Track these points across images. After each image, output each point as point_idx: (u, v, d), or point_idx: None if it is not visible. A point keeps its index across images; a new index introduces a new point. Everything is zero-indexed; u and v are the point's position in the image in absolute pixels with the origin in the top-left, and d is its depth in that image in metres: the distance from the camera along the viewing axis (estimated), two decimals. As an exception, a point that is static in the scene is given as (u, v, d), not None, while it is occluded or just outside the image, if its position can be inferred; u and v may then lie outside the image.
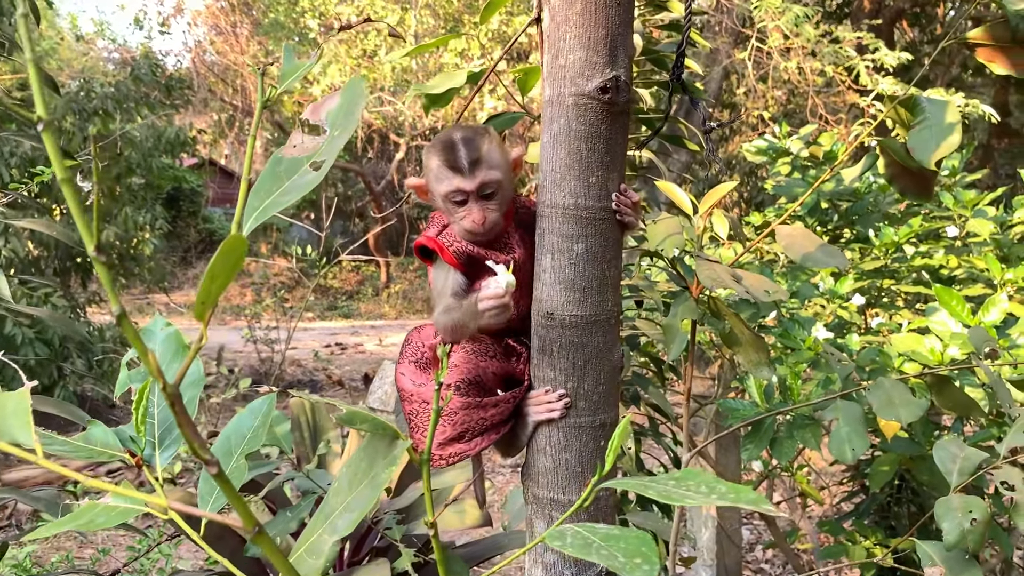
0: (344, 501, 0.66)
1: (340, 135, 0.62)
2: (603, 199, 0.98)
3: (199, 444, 0.45)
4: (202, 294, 0.48)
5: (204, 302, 0.48)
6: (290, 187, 0.60)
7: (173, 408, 0.44)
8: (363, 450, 0.68)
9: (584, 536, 0.57)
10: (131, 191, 9.29)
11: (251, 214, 0.58)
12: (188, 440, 0.44)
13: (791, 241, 1.35)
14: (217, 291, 0.49)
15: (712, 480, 0.59)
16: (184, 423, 0.44)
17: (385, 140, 18.91)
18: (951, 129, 1.33)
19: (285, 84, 0.73)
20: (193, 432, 0.44)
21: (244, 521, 0.46)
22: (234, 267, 0.48)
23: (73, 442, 0.90)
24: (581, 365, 1.00)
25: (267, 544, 0.46)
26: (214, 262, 0.47)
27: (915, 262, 2.58)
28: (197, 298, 0.48)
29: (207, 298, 0.48)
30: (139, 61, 9.28)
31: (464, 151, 1.12)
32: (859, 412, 1.36)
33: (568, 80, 0.96)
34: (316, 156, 0.61)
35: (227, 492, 0.45)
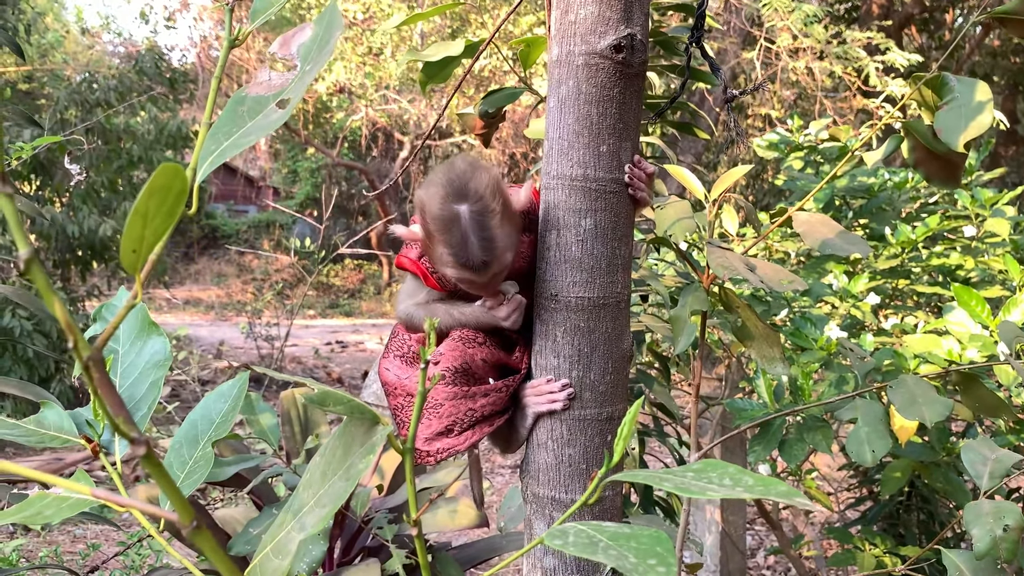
0: (315, 495, 0.58)
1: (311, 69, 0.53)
2: (615, 170, 0.89)
3: (123, 418, 0.37)
4: (131, 240, 0.40)
5: (135, 250, 0.40)
6: (252, 127, 0.52)
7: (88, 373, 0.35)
8: (338, 437, 0.60)
9: (589, 535, 0.49)
10: (132, 185, 9.22)
11: (207, 157, 0.50)
12: (108, 414, 0.36)
13: (809, 228, 1.27)
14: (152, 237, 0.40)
15: (736, 471, 0.51)
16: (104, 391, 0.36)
17: (390, 139, 18.84)
18: (981, 108, 1.24)
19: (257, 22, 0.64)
20: (115, 403, 0.36)
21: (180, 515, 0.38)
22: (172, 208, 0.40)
23: (23, 425, 0.82)
24: (588, 352, 0.91)
25: (206, 541, 0.39)
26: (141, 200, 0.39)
27: (932, 262, 2.49)
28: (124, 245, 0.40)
29: (138, 245, 0.40)
30: (143, 55, 9.23)
31: (476, 249, 0.99)
32: (880, 412, 1.27)
33: (578, 38, 0.88)
34: (283, 94, 0.53)
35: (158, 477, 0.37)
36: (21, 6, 7.95)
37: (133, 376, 0.83)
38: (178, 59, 16.39)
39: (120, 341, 0.85)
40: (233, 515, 2.01)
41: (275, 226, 21.19)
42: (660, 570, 0.46)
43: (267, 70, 0.55)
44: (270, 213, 22.00)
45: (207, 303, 16.59)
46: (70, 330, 0.35)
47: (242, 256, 19.82)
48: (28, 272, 0.36)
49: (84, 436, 0.82)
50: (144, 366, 0.83)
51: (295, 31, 0.55)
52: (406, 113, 15.84)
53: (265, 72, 0.55)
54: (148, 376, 0.82)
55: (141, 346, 0.84)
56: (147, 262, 0.41)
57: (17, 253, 0.35)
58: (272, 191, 23.60)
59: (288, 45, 0.54)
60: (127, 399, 0.82)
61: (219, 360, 9.85)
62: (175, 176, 0.39)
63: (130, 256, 0.40)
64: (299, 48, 0.54)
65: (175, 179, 0.39)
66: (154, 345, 0.84)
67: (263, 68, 0.55)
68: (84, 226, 8.02)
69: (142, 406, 0.81)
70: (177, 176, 0.39)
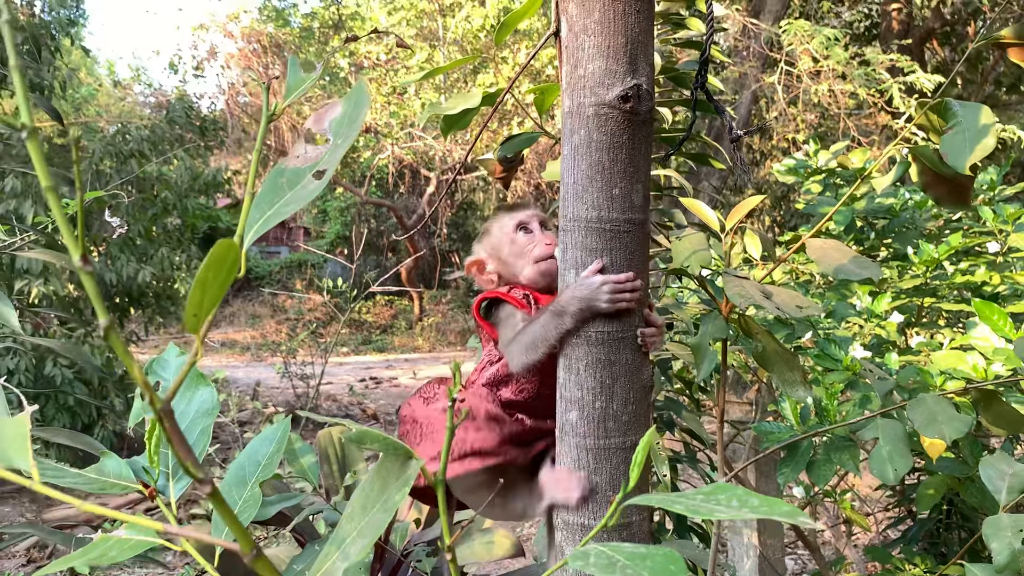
0: (357, 527, 0.64)
1: (343, 143, 0.60)
2: (627, 211, 0.95)
3: (191, 462, 0.43)
4: (193, 306, 0.46)
5: (196, 314, 0.46)
6: (292, 198, 0.58)
7: (163, 424, 0.41)
8: (375, 473, 0.65)
9: (608, 555, 0.54)
10: (167, 232, 9.43)
11: (252, 226, 0.56)
12: (179, 458, 0.42)
13: (822, 254, 1.31)
14: (210, 303, 0.47)
15: (744, 493, 0.55)
16: (175, 439, 0.42)
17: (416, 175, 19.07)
18: (985, 131, 1.28)
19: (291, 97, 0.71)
20: (184, 449, 0.42)
21: (242, 545, 0.44)
22: (227, 277, 0.46)
23: (85, 474, 0.88)
24: (609, 384, 0.96)
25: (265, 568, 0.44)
26: (203, 270, 0.45)
27: (956, 279, 2.51)
28: (188, 310, 0.46)
29: (199, 310, 0.46)
30: (174, 104, 9.49)
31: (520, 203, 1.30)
32: (901, 430, 1.30)
33: (588, 90, 0.94)
34: (319, 165, 0.59)
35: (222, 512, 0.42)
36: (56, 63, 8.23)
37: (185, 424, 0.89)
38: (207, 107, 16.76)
39: (171, 389, 0.91)
40: (277, 554, 2.07)
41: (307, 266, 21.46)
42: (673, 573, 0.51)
43: (303, 144, 0.61)
44: (302, 253, 22.30)
45: (242, 344, 16.80)
46: (146, 387, 0.41)
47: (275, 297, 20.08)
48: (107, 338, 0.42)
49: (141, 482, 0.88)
50: (194, 415, 0.89)
51: (327, 108, 0.62)
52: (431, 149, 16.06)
53: (301, 146, 0.61)
54: (198, 424, 0.88)
55: (191, 396, 0.90)
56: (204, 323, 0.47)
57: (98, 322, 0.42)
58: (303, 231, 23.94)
59: (321, 121, 0.61)
60: (180, 444, 0.88)
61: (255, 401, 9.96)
62: (229, 249, 0.45)
63: (192, 319, 0.46)
64: (331, 124, 0.61)
65: (229, 252, 0.45)
66: (203, 395, 0.91)
67: (299, 142, 0.61)
68: (122, 274, 8.21)
69: (195, 448, 0.87)
70: (231, 250, 0.45)
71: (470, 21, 12.55)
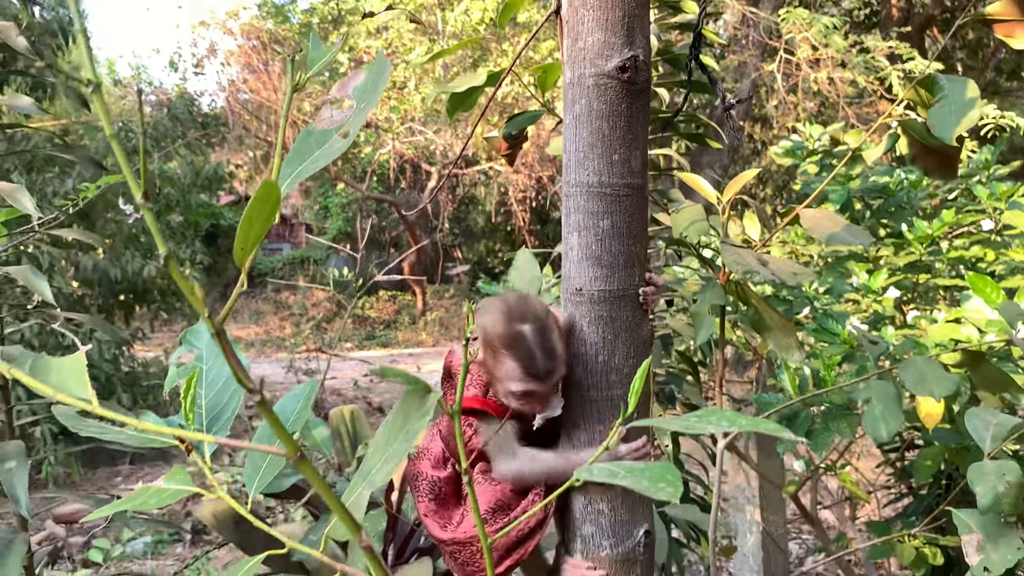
0: (382, 457, 0.69)
1: (365, 107, 0.65)
2: (627, 176, 1.01)
3: (244, 375, 0.48)
4: (240, 240, 0.52)
5: (243, 248, 0.52)
6: (320, 155, 0.64)
7: (221, 341, 0.47)
8: (398, 408, 0.71)
9: (611, 470, 0.60)
10: (171, 228, 9.50)
11: (286, 178, 0.62)
12: (235, 371, 0.48)
13: (815, 223, 1.37)
14: (255, 238, 0.52)
15: (732, 415, 0.61)
16: (228, 354, 0.48)
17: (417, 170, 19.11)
18: (971, 104, 1.34)
19: (313, 70, 0.76)
20: (236, 362, 0.48)
21: (287, 448, 0.50)
22: (269, 215, 0.52)
23: (126, 431, 0.94)
24: (611, 339, 1.02)
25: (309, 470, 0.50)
26: (249, 209, 0.51)
27: (950, 255, 2.56)
28: (236, 244, 0.52)
29: (245, 244, 0.52)
30: (175, 101, 9.55)
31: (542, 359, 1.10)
32: (892, 391, 1.36)
33: (588, 62, 1.00)
34: (344, 127, 0.65)
35: (270, 419, 0.48)
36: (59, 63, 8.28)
37: (217, 387, 0.94)
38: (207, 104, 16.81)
39: (204, 359, 0.97)
40: (291, 530, 2.13)
41: (309, 262, 21.52)
42: (669, 490, 0.56)
43: (329, 109, 0.66)
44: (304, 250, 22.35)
45: (246, 341, 16.87)
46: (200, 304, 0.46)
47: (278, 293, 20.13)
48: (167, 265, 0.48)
49: (178, 437, 0.94)
50: (226, 379, 0.95)
51: (351, 77, 0.67)
52: (432, 144, 16.10)
53: (328, 111, 0.67)
54: (229, 387, 0.94)
55: (222, 362, 0.96)
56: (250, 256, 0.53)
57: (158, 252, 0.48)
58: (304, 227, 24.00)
59: (346, 88, 0.66)
60: (213, 405, 0.94)
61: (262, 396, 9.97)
62: (271, 190, 0.51)
63: (239, 252, 0.52)
64: (355, 90, 0.66)
65: (271, 192, 0.51)
66: (238, 359, 0.96)
67: (326, 107, 0.67)
68: (128, 269, 8.27)
69: (226, 411, 0.93)
70: (273, 190, 0.51)
71: (469, 15, 12.59)
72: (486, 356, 1.12)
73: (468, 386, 1.16)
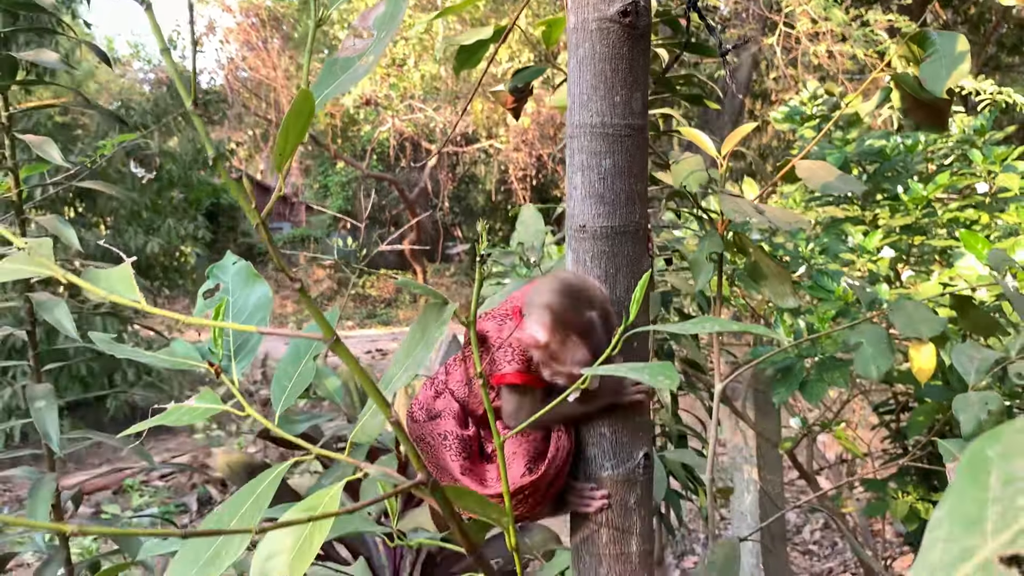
0: (403, 366, 0.75)
1: (385, 36, 0.70)
2: (628, 116, 1.06)
3: (284, 265, 0.54)
4: (279, 148, 0.57)
5: (281, 154, 0.57)
6: (346, 78, 0.69)
7: (265, 233, 0.52)
8: (417, 321, 0.76)
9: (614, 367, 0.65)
10: (172, 205, 9.54)
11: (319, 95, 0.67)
12: (278, 261, 0.53)
13: (810, 173, 1.42)
14: (292, 146, 0.58)
15: (723, 321, 0.67)
16: (273, 249, 0.53)
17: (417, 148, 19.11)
18: (961, 58, 1.39)
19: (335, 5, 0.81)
20: (277, 252, 0.53)
21: (324, 331, 0.55)
22: (305, 123, 0.57)
23: (158, 356, 0.99)
24: (613, 273, 1.08)
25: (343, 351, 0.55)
26: (285, 121, 0.56)
27: (944, 216, 2.61)
28: (275, 152, 0.57)
29: (283, 151, 0.57)
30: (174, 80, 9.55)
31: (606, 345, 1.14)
32: (882, 333, 1.41)
33: (591, 7, 1.05)
34: (367, 54, 0.70)
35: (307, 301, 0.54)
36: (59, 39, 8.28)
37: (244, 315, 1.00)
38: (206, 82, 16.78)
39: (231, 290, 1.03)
40: (304, 483, 2.20)
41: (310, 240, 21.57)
42: (667, 382, 0.62)
43: (352, 38, 0.72)
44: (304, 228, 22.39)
45: (248, 318, 16.88)
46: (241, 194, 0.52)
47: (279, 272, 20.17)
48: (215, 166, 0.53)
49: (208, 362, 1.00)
50: (252, 307, 1.00)
51: (371, 8, 0.72)
52: (432, 121, 16.10)
53: (351, 40, 0.72)
54: (256, 315, 1.00)
55: (248, 292, 1.01)
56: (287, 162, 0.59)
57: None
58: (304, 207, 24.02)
59: (366, 19, 0.72)
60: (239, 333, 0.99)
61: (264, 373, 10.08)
62: (307, 99, 0.56)
63: (278, 158, 0.57)
64: (375, 20, 0.71)
65: (307, 102, 0.56)
66: (259, 290, 1.02)
67: (348, 38, 0.72)
68: (131, 246, 8.32)
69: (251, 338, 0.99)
70: (308, 99, 0.56)
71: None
72: (552, 340, 1.10)
73: (510, 361, 1.16)
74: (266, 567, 0.79)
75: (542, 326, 1.09)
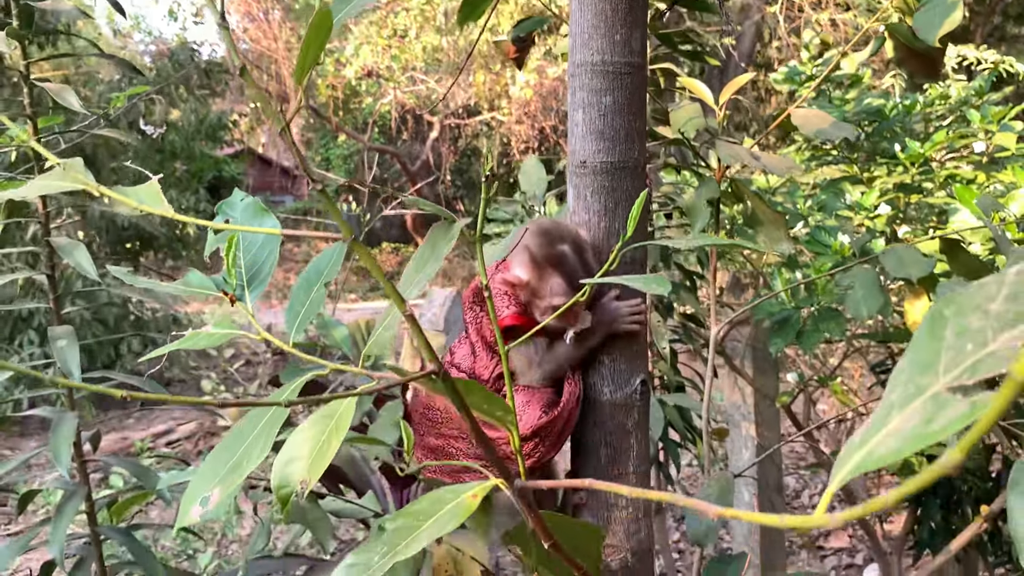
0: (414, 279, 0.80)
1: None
2: (627, 55, 1.10)
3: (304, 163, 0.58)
4: (300, 63, 0.61)
5: (302, 68, 0.62)
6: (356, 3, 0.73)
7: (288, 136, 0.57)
8: (427, 239, 0.81)
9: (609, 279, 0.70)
10: (176, 176, 9.56)
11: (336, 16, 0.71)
12: (299, 158, 0.57)
13: (805, 120, 1.46)
14: (311, 60, 0.62)
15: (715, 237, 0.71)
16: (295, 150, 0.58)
17: (419, 120, 19.06)
18: (953, 7, 1.42)
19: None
20: (300, 154, 0.58)
21: (343, 231, 0.59)
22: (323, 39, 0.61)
23: (175, 286, 1.04)
24: (612, 207, 1.12)
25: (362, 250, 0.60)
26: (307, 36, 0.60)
27: (941, 174, 2.65)
28: (296, 67, 0.61)
29: (303, 65, 0.61)
30: (176, 50, 9.54)
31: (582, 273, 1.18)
32: (873, 275, 1.46)
33: (592, -50, 1.09)
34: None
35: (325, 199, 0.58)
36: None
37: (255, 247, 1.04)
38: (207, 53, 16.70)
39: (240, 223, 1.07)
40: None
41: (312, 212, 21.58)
42: (660, 289, 0.67)
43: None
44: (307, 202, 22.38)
45: (252, 290, 16.94)
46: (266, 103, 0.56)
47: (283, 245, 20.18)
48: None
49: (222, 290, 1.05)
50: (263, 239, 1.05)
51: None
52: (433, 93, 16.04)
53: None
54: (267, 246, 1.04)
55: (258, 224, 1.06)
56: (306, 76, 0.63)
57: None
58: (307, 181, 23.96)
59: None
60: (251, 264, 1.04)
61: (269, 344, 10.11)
62: (325, 17, 0.60)
63: (299, 72, 0.61)
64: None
65: (325, 19, 0.60)
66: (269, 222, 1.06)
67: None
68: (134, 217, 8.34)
69: (264, 268, 1.03)
70: (327, 17, 0.60)
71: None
72: (531, 276, 1.19)
73: (507, 306, 1.23)
74: (286, 471, 0.85)
75: (521, 265, 1.19)
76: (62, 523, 1.41)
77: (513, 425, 0.72)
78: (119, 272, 1.03)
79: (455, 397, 0.60)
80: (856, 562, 5.01)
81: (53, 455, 1.38)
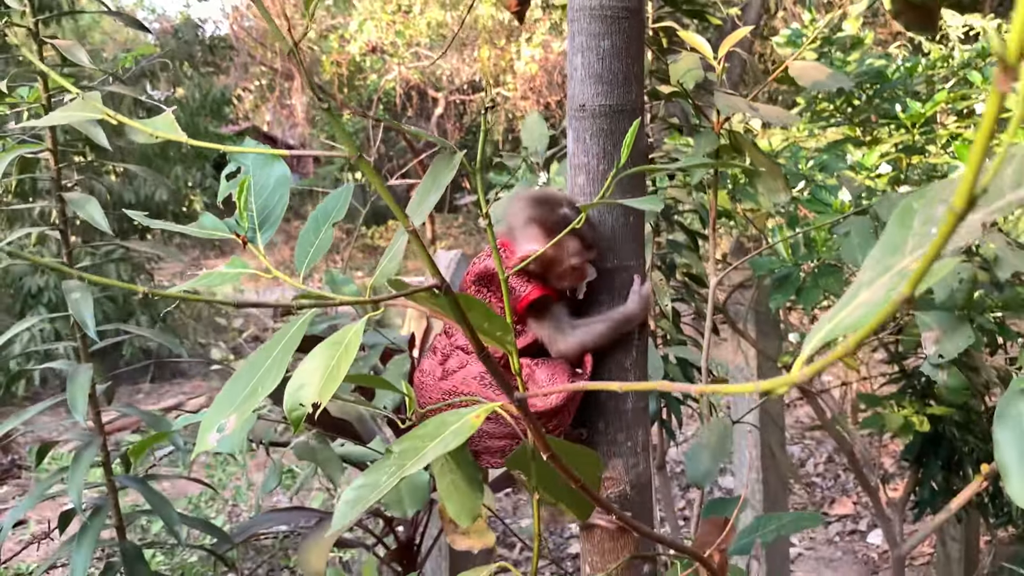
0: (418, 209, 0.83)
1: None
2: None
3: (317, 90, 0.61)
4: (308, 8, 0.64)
5: (308, 0, 0.64)
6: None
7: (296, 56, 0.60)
8: (429, 173, 0.84)
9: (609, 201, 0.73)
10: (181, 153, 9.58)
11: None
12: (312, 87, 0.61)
13: (802, 72, 1.48)
14: None
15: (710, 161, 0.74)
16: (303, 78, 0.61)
17: (424, 96, 19.00)
18: (950, -42, 1.44)
19: None
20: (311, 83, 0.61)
21: (347, 148, 0.63)
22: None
23: (189, 228, 1.08)
24: (610, 150, 1.15)
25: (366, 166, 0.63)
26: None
27: (942, 133, 2.66)
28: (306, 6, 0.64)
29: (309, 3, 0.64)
30: (181, 26, 9.54)
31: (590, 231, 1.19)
32: (868, 224, 1.49)
33: None
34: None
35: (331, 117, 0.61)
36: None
37: (266, 192, 1.08)
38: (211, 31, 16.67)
39: (251, 170, 1.10)
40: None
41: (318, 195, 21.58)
42: (654, 205, 0.70)
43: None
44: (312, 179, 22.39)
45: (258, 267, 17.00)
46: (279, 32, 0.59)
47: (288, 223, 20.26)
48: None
49: (235, 232, 1.08)
50: (273, 184, 1.08)
51: None
52: (438, 69, 15.99)
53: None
54: (278, 190, 1.08)
55: (268, 170, 1.09)
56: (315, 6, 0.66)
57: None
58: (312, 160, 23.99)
59: None
60: (263, 207, 1.07)
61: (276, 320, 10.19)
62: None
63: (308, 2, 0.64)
64: None
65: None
66: (278, 169, 1.10)
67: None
68: (140, 193, 8.40)
69: (276, 210, 1.07)
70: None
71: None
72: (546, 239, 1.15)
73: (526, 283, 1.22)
74: (298, 395, 0.88)
75: (533, 239, 1.17)
76: (79, 471, 1.46)
77: (512, 346, 0.76)
78: (137, 216, 1.07)
79: (456, 312, 0.63)
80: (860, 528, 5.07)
81: (70, 403, 1.42)
